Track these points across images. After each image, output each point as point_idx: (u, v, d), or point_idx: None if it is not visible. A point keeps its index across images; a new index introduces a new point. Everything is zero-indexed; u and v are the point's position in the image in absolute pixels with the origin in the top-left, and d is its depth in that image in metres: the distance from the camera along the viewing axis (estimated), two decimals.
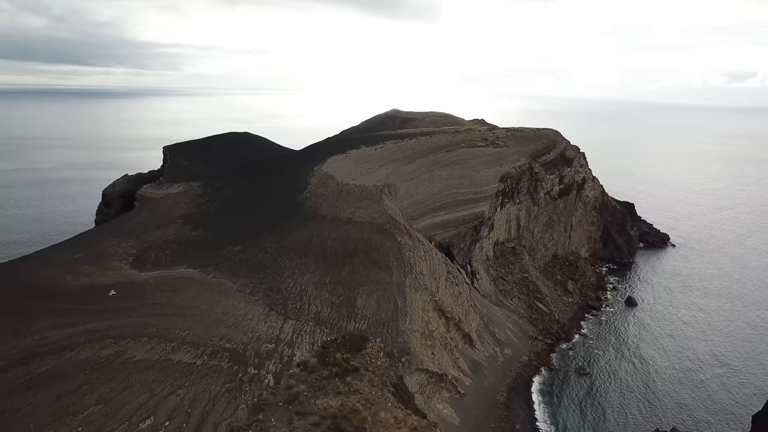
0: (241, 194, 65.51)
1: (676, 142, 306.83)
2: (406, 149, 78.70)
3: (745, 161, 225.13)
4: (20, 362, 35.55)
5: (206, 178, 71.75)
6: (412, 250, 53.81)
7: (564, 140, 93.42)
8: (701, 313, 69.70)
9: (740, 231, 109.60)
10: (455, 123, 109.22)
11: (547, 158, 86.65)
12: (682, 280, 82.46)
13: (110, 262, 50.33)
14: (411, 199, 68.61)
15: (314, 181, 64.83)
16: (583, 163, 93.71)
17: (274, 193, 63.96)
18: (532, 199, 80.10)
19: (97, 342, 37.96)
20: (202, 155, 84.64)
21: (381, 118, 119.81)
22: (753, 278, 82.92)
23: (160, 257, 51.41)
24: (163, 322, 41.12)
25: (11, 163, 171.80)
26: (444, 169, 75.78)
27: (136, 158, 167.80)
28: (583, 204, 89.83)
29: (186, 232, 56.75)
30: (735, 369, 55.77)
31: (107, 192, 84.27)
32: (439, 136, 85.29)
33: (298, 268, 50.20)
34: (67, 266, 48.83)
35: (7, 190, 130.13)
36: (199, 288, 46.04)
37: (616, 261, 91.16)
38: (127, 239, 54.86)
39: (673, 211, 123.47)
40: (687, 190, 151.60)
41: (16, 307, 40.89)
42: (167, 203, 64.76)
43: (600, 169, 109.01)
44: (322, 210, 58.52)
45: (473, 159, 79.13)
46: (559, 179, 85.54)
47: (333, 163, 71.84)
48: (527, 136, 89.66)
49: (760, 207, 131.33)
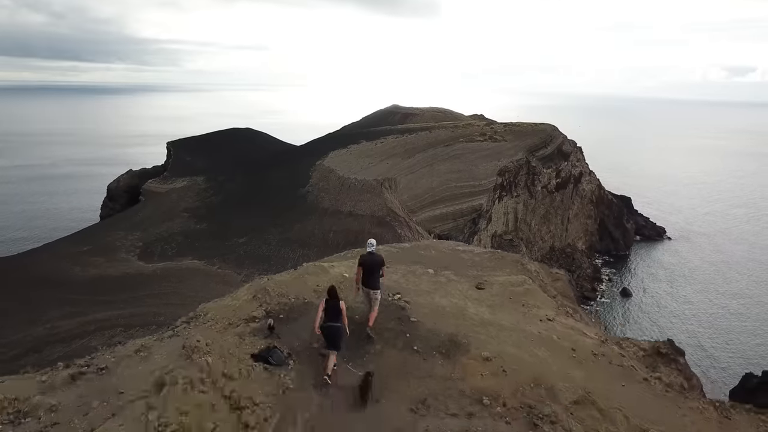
0: (244, 188, 66.85)
1: (675, 137, 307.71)
2: (406, 144, 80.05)
3: (744, 156, 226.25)
4: (33, 350, 36.89)
5: (210, 173, 73.14)
6: (411, 241, 55.14)
7: (561, 135, 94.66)
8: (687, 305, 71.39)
9: (736, 224, 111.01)
10: (454, 118, 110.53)
11: (545, 152, 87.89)
12: (676, 272, 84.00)
13: (118, 254, 51.72)
14: (411, 192, 69.92)
15: (316, 176, 66.13)
16: (579, 158, 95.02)
17: (276, 187, 65.26)
18: (530, 193, 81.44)
19: (107, 330, 39.26)
20: (205, 150, 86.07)
21: (381, 113, 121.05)
22: (746, 271, 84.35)
23: (166, 249, 52.77)
24: (170, 311, 42.39)
25: (11, 159, 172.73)
26: (443, 163, 77.09)
27: (137, 154, 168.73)
28: (579, 197, 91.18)
29: (191, 225, 58.12)
30: (714, 357, 57.21)
31: (112, 187, 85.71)
32: (439, 131, 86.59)
33: (301, 259, 51.45)
34: (75, 258, 50.24)
35: (9, 186, 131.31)
36: (205, 278, 47.39)
37: (613, 253, 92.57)
38: (134, 232, 56.26)
39: (670, 205, 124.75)
40: (685, 184, 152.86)
41: (27, 297, 42.25)
42: (172, 197, 66.14)
43: (598, 164, 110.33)
44: (323, 203, 59.84)
45: (472, 153, 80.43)
46: (556, 173, 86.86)
47: (334, 157, 73.16)
48: (525, 130, 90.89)
49: (756, 200, 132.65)
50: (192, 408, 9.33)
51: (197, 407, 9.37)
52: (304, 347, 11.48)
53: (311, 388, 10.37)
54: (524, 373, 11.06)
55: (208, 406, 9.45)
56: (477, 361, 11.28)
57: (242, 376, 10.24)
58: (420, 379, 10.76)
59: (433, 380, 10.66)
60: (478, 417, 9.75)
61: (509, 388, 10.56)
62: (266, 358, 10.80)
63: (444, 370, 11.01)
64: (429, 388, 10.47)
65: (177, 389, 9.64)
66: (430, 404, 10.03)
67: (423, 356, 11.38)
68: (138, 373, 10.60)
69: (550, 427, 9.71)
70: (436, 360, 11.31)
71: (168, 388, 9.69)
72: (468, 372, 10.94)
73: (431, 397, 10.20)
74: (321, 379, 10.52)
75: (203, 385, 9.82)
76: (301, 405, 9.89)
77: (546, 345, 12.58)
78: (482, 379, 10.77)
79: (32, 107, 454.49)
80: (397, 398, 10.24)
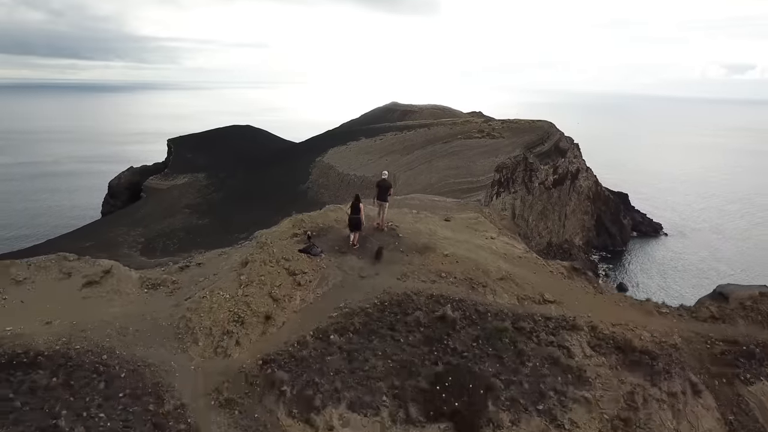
0: (245, 185, 67.73)
1: (673, 134, 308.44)
2: (405, 141, 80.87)
3: (742, 153, 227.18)
4: None
5: (211, 170, 73.98)
6: None
7: (558, 131, 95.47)
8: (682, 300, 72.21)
9: (731, 220, 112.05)
10: (453, 115, 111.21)
11: (542, 149, 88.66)
12: (671, 267, 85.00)
13: (120, 249, 52.59)
14: (410, 188, 70.68)
15: (316, 172, 67.01)
16: (576, 154, 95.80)
17: (277, 183, 66.16)
18: (527, 189, 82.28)
19: None
20: (206, 147, 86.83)
21: (381, 110, 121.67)
22: (739, 266, 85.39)
23: (168, 245, 53.67)
24: None
25: (14, 157, 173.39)
26: (441, 159, 77.94)
27: (138, 151, 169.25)
28: (576, 194, 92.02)
29: (193, 221, 59.02)
30: None
31: (113, 184, 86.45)
32: (437, 128, 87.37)
33: None
34: (79, 253, 51.13)
35: (12, 183, 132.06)
36: None
37: (609, 249, 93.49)
38: (136, 228, 57.15)
39: (667, 201, 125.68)
40: (682, 181, 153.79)
41: None
42: (173, 194, 67.01)
43: (596, 161, 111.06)
44: (323, 199, 60.72)
45: (470, 150, 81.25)
46: (553, 169, 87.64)
47: (334, 154, 74.03)
48: (522, 127, 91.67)
49: (752, 196, 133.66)
50: (265, 273, 15.98)
51: (268, 273, 16.04)
52: (329, 247, 18.07)
53: (335, 267, 16.90)
54: (469, 263, 17.09)
55: (275, 272, 16.19)
56: (439, 256, 17.40)
57: (294, 258, 16.93)
58: (403, 264, 17.10)
59: (411, 265, 16.97)
60: (438, 283, 16.10)
61: (459, 269, 16.72)
62: (308, 251, 17.46)
63: (419, 260, 17.25)
64: (409, 269, 16.77)
65: (256, 264, 16.31)
66: (408, 276, 16.38)
67: (406, 254, 17.66)
68: (225, 264, 17.25)
69: (482, 289, 16.09)
70: (414, 255, 17.56)
71: (250, 264, 16.26)
72: (433, 261, 17.12)
73: (410, 272, 16.51)
74: (350, 246, 17.91)
75: (270, 263, 16.48)
76: (330, 274, 16.68)
77: (486, 250, 18.88)
78: (442, 265, 16.91)
79: (32, 105, 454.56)
80: (389, 273, 16.58)
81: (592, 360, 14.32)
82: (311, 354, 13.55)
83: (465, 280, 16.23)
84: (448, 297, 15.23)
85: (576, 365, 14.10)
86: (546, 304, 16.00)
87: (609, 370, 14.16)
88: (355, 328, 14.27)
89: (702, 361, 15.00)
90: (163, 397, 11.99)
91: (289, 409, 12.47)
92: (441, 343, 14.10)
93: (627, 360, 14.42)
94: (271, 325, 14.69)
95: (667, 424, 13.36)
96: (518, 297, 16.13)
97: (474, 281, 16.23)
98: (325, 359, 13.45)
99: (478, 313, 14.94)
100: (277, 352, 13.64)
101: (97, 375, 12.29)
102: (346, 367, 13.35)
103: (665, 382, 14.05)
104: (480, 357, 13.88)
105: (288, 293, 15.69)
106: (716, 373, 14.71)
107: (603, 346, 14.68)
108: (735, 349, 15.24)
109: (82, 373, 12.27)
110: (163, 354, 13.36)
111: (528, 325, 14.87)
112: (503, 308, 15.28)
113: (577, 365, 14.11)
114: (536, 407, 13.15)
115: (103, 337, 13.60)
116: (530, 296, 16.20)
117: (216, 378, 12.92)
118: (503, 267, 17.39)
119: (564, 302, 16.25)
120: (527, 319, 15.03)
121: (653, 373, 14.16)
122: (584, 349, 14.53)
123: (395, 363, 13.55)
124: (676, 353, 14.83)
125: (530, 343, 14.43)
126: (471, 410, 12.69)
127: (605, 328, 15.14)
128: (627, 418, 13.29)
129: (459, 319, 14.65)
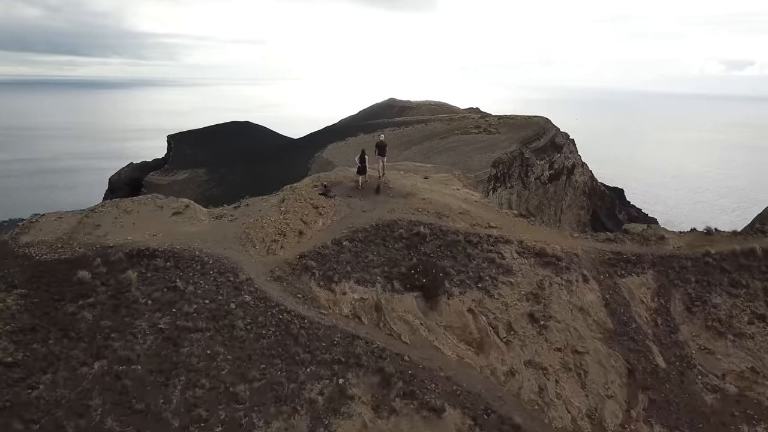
0: (245, 180, 68.93)
1: (672, 130, 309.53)
2: (402, 136, 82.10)
3: (740, 149, 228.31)
4: None
5: (211, 165, 75.07)
6: None
7: (554, 127, 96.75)
8: None
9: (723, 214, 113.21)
10: (450, 111, 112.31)
11: (538, 144, 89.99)
12: None
13: None
14: None
15: (315, 167, 68.33)
16: (572, 150, 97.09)
17: (276, 179, 67.20)
18: (523, 184, 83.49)
19: None
20: (206, 143, 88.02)
21: (379, 107, 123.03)
22: None
23: None
24: None
25: (13, 153, 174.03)
26: (438, 155, 79.22)
27: (137, 147, 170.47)
28: (572, 189, 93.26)
29: None
30: None
31: (113, 180, 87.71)
32: (434, 124, 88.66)
33: None
34: None
35: (11, 180, 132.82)
36: None
37: None
38: None
39: (663, 197, 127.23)
40: (680, 177, 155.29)
41: None
42: (174, 189, 68.26)
43: (593, 156, 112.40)
44: None
45: (466, 145, 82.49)
46: (549, 164, 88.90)
47: (333, 149, 75.27)
48: (518, 123, 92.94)
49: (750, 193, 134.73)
50: (297, 206, 23.19)
51: (300, 206, 23.23)
52: (340, 193, 25.08)
53: (344, 205, 24.02)
54: (439, 204, 23.95)
55: (304, 206, 23.40)
56: (418, 199, 24.28)
57: (316, 198, 24.12)
58: (393, 204, 23.88)
59: (397, 204, 23.81)
60: (416, 214, 22.83)
61: (431, 207, 23.57)
62: (326, 193, 24.55)
63: (402, 201, 24.08)
64: (396, 206, 23.60)
65: (290, 200, 23.65)
66: (396, 210, 23.14)
67: (393, 197, 24.68)
68: (266, 204, 24.25)
69: (446, 218, 22.88)
70: (399, 198, 24.54)
71: (286, 201, 23.65)
72: (413, 202, 23.97)
73: (397, 208, 23.30)
74: (357, 186, 25.57)
75: (300, 200, 23.69)
76: (341, 209, 23.71)
77: (452, 197, 25.91)
78: (420, 204, 23.73)
79: (30, 101, 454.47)
80: (382, 209, 23.39)
81: (517, 261, 21.27)
82: (330, 252, 20.66)
83: (435, 213, 22.95)
84: (422, 222, 22.14)
85: (506, 263, 21.06)
86: (490, 228, 22.85)
87: (528, 267, 21.10)
88: (359, 239, 21.31)
89: (594, 263, 22.04)
90: (238, 274, 18.89)
91: (318, 282, 19.65)
92: (416, 249, 21.01)
93: (541, 261, 21.35)
94: (303, 238, 21.88)
95: (563, 298, 20.37)
96: (471, 224, 23.00)
97: (441, 214, 22.94)
98: (339, 255, 20.57)
99: (441, 231, 21.85)
100: (308, 251, 20.77)
101: (194, 262, 19.16)
102: (353, 259, 20.47)
103: (565, 274, 21.03)
104: (441, 257, 20.81)
105: (313, 219, 22.83)
106: (602, 271, 21.78)
107: (526, 253, 21.57)
108: (618, 257, 22.34)
109: (184, 261, 19.11)
110: (233, 253, 20.20)
111: (475, 239, 21.75)
112: (459, 229, 22.23)
113: (507, 263, 21.06)
114: (476, 285, 20.12)
115: (193, 243, 20.41)
116: (479, 224, 23.07)
117: (270, 265, 20.06)
118: (463, 206, 24.45)
119: (503, 228, 23.16)
120: (475, 236, 21.92)
121: (558, 269, 21.11)
122: (513, 254, 21.45)
123: (385, 258, 20.66)
124: (576, 258, 21.79)
125: (476, 250, 21.33)
126: (433, 285, 19.62)
127: (530, 242, 22.04)
128: (536, 293, 20.33)
129: (428, 235, 21.57)
